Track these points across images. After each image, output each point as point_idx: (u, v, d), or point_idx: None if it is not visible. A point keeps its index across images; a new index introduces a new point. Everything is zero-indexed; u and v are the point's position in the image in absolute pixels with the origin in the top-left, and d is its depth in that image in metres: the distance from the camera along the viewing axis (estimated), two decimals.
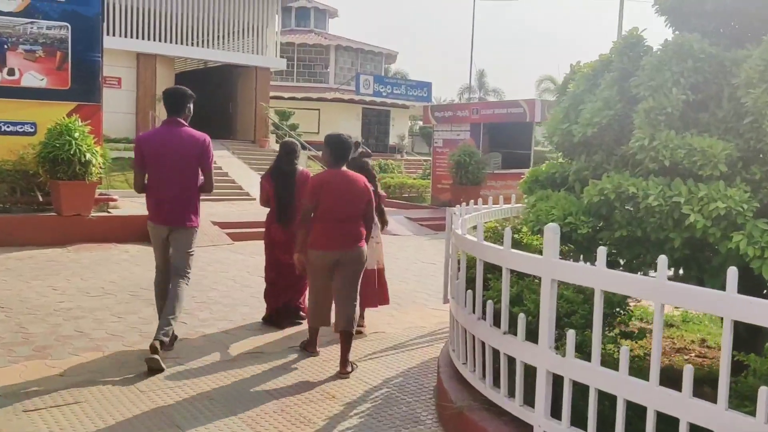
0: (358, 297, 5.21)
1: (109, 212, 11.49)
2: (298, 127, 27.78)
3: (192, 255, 5.36)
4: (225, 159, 20.53)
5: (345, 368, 5.04)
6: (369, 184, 5.26)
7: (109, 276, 8.26)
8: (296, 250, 5.18)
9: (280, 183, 6.17)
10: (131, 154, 8.02)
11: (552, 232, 3.25)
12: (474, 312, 4.01)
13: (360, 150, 6.22)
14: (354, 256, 5.05)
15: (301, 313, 6.29)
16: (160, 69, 22.57)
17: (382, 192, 6.72)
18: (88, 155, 10.35)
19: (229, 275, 8.71)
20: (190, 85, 6.06)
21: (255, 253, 10.25)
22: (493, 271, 4.10)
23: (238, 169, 20.16)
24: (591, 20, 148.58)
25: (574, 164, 4.23)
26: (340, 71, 36.13)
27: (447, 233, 6.04)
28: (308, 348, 5.46)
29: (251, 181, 18.56)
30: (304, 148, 22.59)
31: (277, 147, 23.08)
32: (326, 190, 4.99)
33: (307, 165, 21.99)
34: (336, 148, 5.13)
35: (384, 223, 6.43)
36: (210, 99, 26.85)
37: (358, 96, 32.26)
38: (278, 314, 6.27)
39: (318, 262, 5.06)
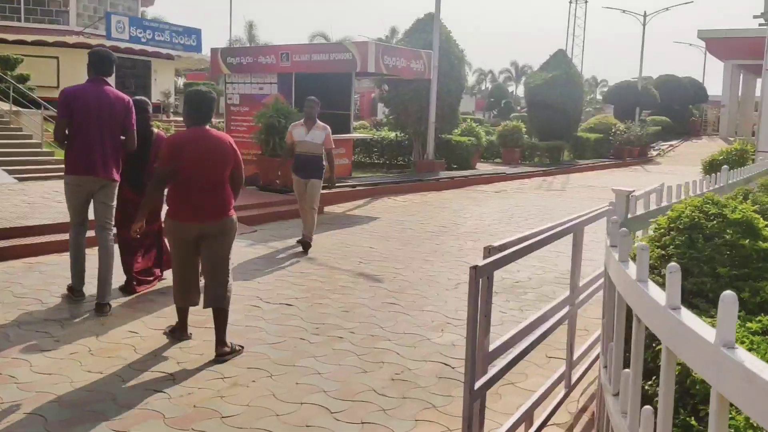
0: (230, 271, 4.84)
1: None
2: (30, 79, 21.05)
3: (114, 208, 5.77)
4: None
5: (222, 348, 4.63)
6: (235, 145, 4.86)
7: None
8: (137, 218, 4.94)
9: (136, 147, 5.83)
10: None
11: None
12: None
13: None
14: (221, 228, 4.71)
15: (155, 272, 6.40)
16: None
17: None
18: None
19: None
20: None
21: None
22: None
23: None
24: None
25: None
26: (83, 11, 29.07)
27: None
28: (177, 333, 4.92)
29: None
30: (39, 106, 16.77)
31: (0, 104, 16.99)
32: (186, 152, 4.59)
33: (45, 129, 15.98)
34: (195, 103, 4.78)
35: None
36: None
37: (109, 42, 25.68)
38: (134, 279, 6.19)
39: (178, 234, 4.72)
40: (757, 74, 46.07)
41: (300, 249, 8.12)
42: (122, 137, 5.74)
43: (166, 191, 4.87)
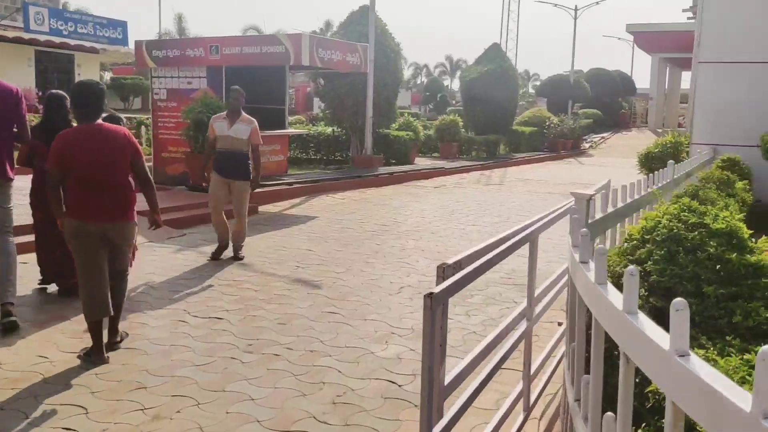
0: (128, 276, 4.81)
1: None
2: None
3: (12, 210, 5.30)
4: None
5: (115, 337, 4.64)
6: (133, 138, 4.59)
7: None
8: (57, 219, 4.56)
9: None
10: None
11: None
12: None
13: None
14: (124, 233, 4.57)
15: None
16: None
17: None
18: None
19: None
20: None
21: None
22: None
23: None
24: None
25: None
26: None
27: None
28: (93, 356, 4.39)
29: None
30: None
31: None
32: (76, 151, 4.37)
33: None
34: (80, 97, 4.52)
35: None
36: None
37: (27, 34, 24.39)
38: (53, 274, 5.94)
39: (82, 235, 4.41)
40: (683, 67, 47.62)
41: (231, 254, 7.61)
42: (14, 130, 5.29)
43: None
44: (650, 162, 13.39)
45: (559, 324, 5.13)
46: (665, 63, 45.55)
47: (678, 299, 1.36)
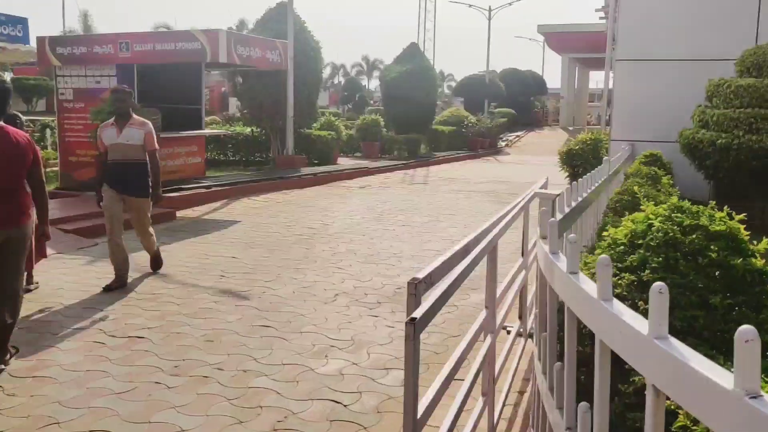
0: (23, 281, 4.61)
1: None
2: None
3: None
4: None
5: (3, 356, 4.26)
6: (32, 141, 4.42)
7: None
8: None
9: None
10: None
11: None
12: None
13: None
14: (20, 235, 4.29)
15: None
16: None
17: None
18: None
19: None
20: None
21: None
22: None
23: None
24: None
25: None
26: None
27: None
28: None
29: None
30: None
31: None
32: None
33: None
34: None
35: None
36: None
37: None
38: None
39: None
40: (591, 67, 49.31)
41: (148, 267, 7.03)
42: None
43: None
44: (572, 159, 13.56)
45: (506, 329, 4.93)
46: (575, 63, 46.98)
47: (746, 327, 1.11)
